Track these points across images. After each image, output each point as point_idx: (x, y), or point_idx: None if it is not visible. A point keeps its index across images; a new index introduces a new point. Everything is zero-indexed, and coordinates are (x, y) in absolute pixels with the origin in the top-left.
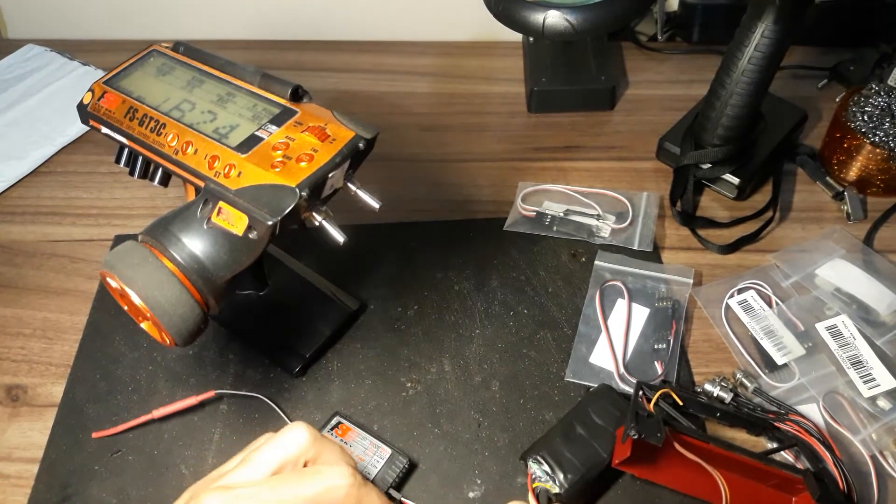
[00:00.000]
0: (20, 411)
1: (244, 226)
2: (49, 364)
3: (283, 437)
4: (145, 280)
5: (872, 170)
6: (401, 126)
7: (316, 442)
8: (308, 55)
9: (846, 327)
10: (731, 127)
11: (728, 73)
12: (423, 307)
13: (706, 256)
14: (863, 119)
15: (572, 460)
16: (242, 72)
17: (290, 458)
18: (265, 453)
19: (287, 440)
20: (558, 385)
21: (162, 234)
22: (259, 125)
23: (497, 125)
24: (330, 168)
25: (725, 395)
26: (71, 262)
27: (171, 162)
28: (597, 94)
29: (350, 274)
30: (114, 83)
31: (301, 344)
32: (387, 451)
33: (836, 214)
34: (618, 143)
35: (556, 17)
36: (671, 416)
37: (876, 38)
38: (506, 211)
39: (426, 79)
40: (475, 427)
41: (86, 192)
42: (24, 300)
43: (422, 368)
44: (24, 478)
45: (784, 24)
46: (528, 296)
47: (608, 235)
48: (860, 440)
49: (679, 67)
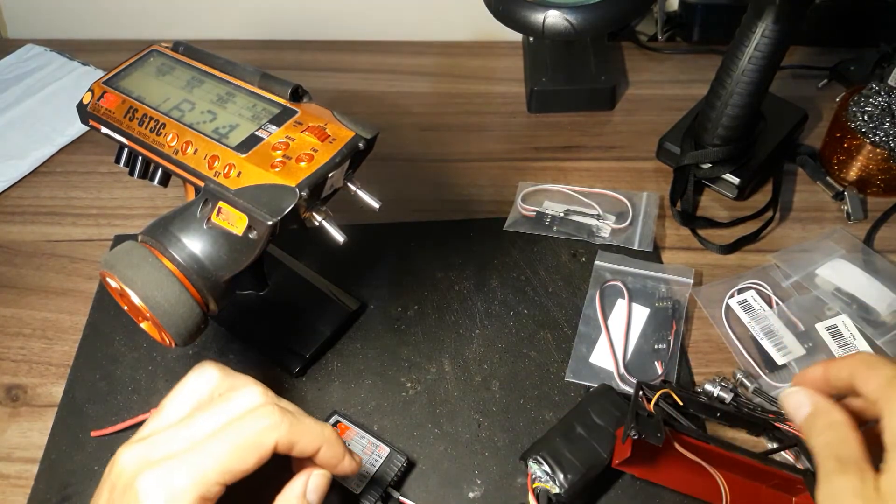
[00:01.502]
0: (20, 411)
1: (244, 226)
2: (49, 364)
3: (190, 378)
4: (145, 280)
5: (872, 170)
6: (401, 126)
7: (226, 377)
8: (308, 55)
9: (846, 327)
10: (731, 127)
11: (728, 73)
12: (423, 307)
13: (706, 256)
14: (863, 119)
15: (572, 460)
16: (242, 72)
17: (202, 397)
18: (175, 398)
19: (195, 380)
20: (558, 385)
21: (162, 234)
22: (259, 125)
23: (497, 125)
24: (330, 168)
25: (726, 396)
26: (71, 262)
27: (170, 162)
28: (597, 94)
29: (350, 274)
30: (114, 83)
31: (301, 344)
32: (385, 450)
33: (836, 214)
34: (618, 143)
35: (556, 17)
36: (671, 417)
37: (876, 38)
38: (506, 211)
39: (426, 79)
40: (475, 427)
41: (85, 192)
42: (24, 300)
43: (422, 368)
44: (24, 478)
45: (784, 24)
46: (528, 296)
47: (608, 235)
48: None
49: (679, 67)
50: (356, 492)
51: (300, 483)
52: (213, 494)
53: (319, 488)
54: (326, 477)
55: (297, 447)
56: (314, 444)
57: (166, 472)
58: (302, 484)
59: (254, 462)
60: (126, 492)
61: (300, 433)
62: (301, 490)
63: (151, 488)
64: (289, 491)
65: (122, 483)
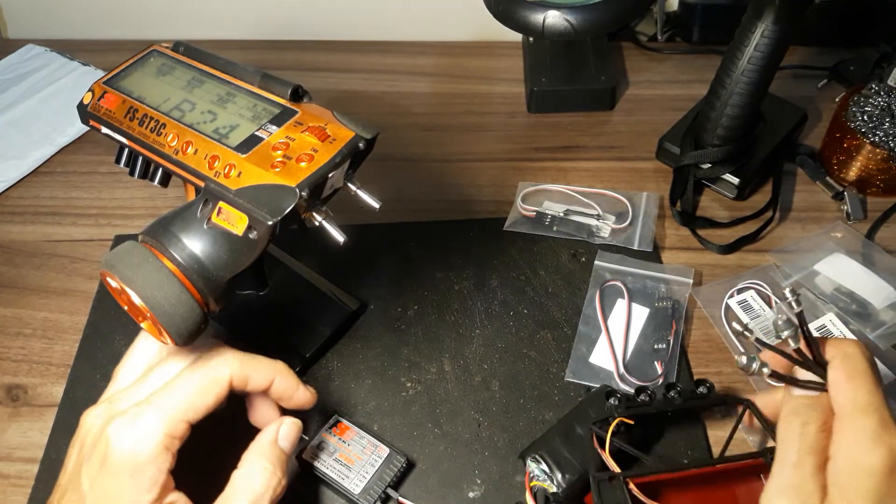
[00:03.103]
0: (20, 411)
1: (244, 226)
2: (49, 364)
3: (138, 344)
4: (145, 280)
5: (872, 170)
6: (401, 126)
7: None
8: (308, 55)
9: (834, 325)
10: (731, 127)
11: (728, 73)
12: (423, 307)
13: (706, 256)
14: (863, 119)
15: (571, 460)
16: (242, 72)
17: (151, 360)
18: (127, 364)
19: (143, 344)
20: (558, 385)
21: (162, 234)
22: (259, 125)
23: (497, 125)
24: (330, 168)
25: (669, 393)
26: (71, 262)
27: (171, 162)
28: (597, 94)
29: (350, 274)
30: (114, 83)
31: (301, 344)
32: (385, 451)
33: (836, 214)
34: (618, 143)
35: (556, 17)
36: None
37: (876, 38)
38: (506, 211)
39: (426, 79)
40: (475, 427)
41: (86, 192)
42: (24, 300)
43: (422, 368)
44: (24, 478)
45: (784, 24)
46: (528, 296)
47: (608, 235)
48: None
49: (679, 67)
50: (356, 492)
51: (272, 430)
52: (181, 433)
53: (291, 435)
54: (297, 425)
55: (252, 381)
56: (267, 377)
57: (133, 417)
58: (273, 431)
59: (214, 397)
60: (97, 444)
61: (252, 367)
62: (273, 437)
63: (121, 432)
64: (262, 436)
65: (91, 437)
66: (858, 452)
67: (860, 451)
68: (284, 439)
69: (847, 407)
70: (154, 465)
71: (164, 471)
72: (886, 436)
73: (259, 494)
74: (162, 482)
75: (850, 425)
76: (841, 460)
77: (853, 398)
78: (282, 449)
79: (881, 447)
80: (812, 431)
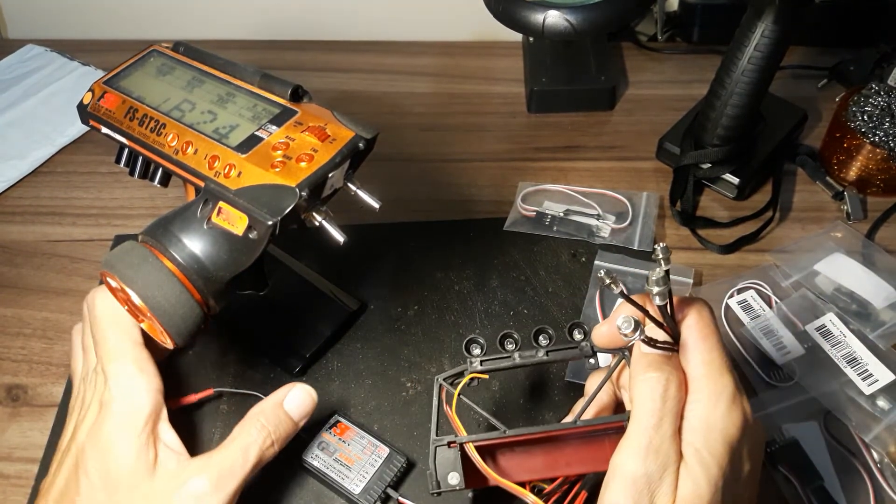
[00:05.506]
0: (20, 411)
1: (244, 226)
2: (49, 364)
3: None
4: (145, 280)
5: (872, 170)
6: (401, 126)
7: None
8: (308, 55)
9: (834, 325)
10: (731, 127)
11: (728, 73)
12: (423, 307)
13: (706, 256)
14: (863, 119)
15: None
16: (242, 72)
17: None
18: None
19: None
20: (558, 385)
21: (162, 234)
22: (259, 125)
23: (497, 125)
24: (330, 168)
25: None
26: (71, 262)
27: (171, 162)
28: (597, 94)
29: (350, 274)
30: (114, 83)
31: (301, 344)
32: (385, 451)
33: (836, 214)
34: (618, 143)
35: (556, 17)
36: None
37: (876, 38)
38: (506, 211)
39: (426, 79)
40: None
41: (86, 192)
42: (24, 300)
43: (422, 368)
44: (24, 478)
45: (784, 24)
46: (528, 296)
47: (608, 235)
48: (871, 438)
49: (679, 67)
50: (356, 492)
51: (281, 392)
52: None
53: (299, 400)
54: (308, 392)
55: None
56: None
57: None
58: (281, 393)
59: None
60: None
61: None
62: (279, 398)
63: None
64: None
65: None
66: (715, 415)
67: (717, 414)
68: (291, 402)
69: (702, 367)
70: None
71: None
72: (740, 398)
73: (243, 448)
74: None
75: (707, 386)
76: (696, 422)
77: (709, 359)
78: (286, 412)
79: (736, 410)
80: (673, 391)
